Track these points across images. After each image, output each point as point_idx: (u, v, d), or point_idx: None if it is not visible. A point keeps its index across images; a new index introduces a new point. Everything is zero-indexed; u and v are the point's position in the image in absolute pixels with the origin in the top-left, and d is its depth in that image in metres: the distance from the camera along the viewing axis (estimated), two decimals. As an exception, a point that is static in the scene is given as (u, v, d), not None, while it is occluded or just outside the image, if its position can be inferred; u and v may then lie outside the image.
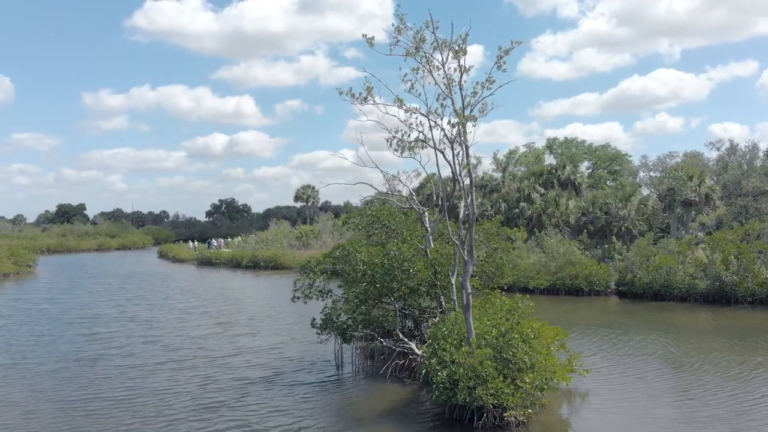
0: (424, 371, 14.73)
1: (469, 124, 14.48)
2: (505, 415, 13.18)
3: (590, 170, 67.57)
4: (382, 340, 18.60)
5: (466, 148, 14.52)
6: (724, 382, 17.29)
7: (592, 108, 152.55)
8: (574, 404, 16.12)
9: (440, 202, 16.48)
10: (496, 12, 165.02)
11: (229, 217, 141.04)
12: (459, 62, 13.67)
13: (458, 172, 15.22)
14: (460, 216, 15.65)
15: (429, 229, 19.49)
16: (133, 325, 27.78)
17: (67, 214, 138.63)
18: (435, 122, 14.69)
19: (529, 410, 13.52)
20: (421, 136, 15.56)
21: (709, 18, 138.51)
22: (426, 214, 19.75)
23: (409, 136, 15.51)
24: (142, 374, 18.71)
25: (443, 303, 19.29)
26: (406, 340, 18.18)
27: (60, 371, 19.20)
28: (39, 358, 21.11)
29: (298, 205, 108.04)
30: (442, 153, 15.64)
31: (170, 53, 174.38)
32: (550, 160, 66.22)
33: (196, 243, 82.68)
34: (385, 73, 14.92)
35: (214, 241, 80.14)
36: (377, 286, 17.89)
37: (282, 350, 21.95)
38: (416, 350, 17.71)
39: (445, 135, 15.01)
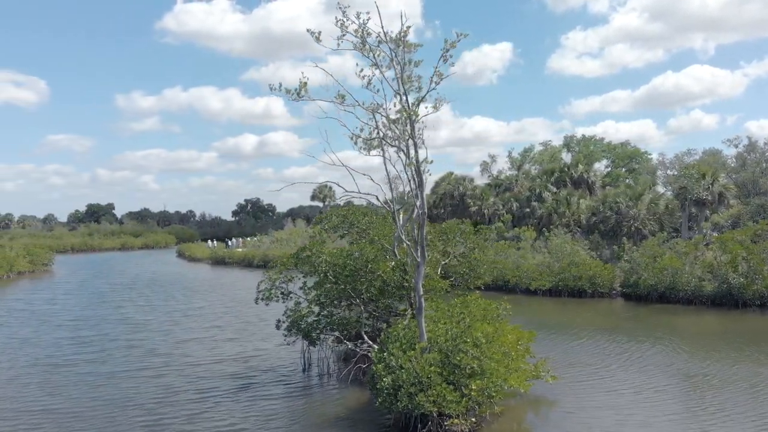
0: (371, 376, 14.23)
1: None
2: (446, 423, 12.60)
3: (609, 168, 66.05)
4: (348, 342, 18.14)
5: (415, 145, 13.97)
6: (728, 399, 15.61)
7: (623, 105, 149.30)
8: (538, 413, 15.49)
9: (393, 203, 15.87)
10: (526, 9, 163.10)
11: (254, 216, 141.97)
12: (396, 56, 13.13)
13: (414, 170, 14.65)
14: (413, 216, 15.08)
15: (400, 229, 18.93)
16: (123, 327, 27.52)
17: (96, 214, 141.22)
18: (386, 118, 14.12)
19: (473, 419, 12.91)
20: (383, 134, 15.05)
21: (743, 12, 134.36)
22: (400, 213, 19.19)
23: (378, 133, 14.97)
24: (107, 382, 18.24)
25: (414, 304, 18.76)
26: (370, 342, 17.68)
27: (27, 377, 18.96)
28: (12, 361, 20.99)
29: (321, 204, 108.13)
30: (404, 151, 15.11)
31: (200, 55, 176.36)
32: (568, 158, 64.88)
33: (215, 242, 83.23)
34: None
35: (233, 240, 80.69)
36: (341, 287, 17.43)
37: (262, 358, 21.29)
38: (380, 354, 17.21)
39: (398, 133, 14.47)
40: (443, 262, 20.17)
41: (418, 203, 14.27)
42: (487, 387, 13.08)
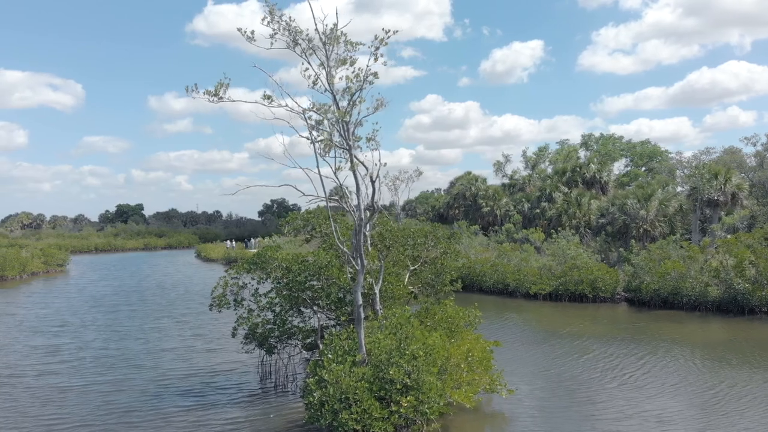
0: (302, 389, 13.62)
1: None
2: (369, 443, 11.91)
3: (629, 168, 64.19)
4: (304, 351, 17.56)
5: (350, 147, 13.32)
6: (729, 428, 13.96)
7: (657, 102, 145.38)
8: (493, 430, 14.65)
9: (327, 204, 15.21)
10: (556, 5, 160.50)
11: (279, 216, 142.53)
12: (326, 53, 12.50)
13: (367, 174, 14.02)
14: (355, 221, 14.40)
15: (366, 234, 18.29)
16: (104, 334, 26.81)
17: (126, 214, 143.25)
18: (312, 118, 13.49)
19: (400, 439, 12.21)
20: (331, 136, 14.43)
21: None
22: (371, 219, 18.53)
23: (311, 135, 14.35)
24: (58, 397, 17.35)
25: (379, 312, 18.08)
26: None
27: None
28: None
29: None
30: (349, 151, 14.46)
31: (230, 56, 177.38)
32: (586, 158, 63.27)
33: (233, 242, 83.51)
34: (439, 71, 13.74)
35: (252, 240, 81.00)
36: (295, 294, 16.84)
37: (230, 372, 20.06)
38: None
39: (340, 134, 13.84)
40: (412, 268, 19.44)
41: (356, 212, 13.63)
42: (420, 403, 12.36)
